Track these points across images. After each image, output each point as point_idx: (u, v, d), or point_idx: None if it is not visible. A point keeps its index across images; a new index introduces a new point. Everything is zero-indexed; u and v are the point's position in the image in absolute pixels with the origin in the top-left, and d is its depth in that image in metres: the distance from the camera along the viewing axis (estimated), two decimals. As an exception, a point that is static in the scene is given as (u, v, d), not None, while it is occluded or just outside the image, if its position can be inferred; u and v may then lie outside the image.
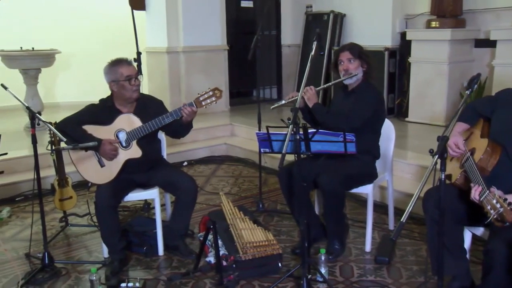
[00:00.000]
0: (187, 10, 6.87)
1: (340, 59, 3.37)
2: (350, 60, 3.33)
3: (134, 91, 3.32)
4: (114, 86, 3.32)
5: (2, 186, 4.51)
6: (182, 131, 3.47)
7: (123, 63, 3.32)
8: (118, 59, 3.35)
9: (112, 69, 3.31)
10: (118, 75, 3.28)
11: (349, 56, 3.34)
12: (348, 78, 3.34)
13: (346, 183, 3.23)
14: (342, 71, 3.36)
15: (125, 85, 3.28)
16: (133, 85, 3.29)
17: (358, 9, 6.96)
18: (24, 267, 3.31)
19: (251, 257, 3.10)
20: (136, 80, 3.31)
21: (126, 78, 3.27)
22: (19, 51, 6.22)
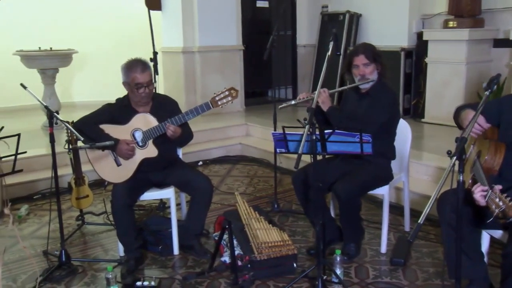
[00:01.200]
0: (202, 10, 6.89)
1: (355, 63, 3.28)
2: (366, 65, 3.26)
3: (143, 97, 3.31)
4: (126, 87, 3.35)
5: (20, 184, 4.56)
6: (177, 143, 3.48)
7: (137, 69, 3.26)
8: (134, 62, 3.31)
9: (127, 72, 3.30)
10: (130, 79, 3.28)
11: (365, 61, 3.26)
12: (365, 83, 3.29)
13: (362, 190, 3.23)
14: (357, 76, 3.29)
15: (134, 91, 3.29)
16: (141, 93, 3.28)
17: (374, 9, 6.92)
18: (42, 264, 3.36)
19: (266, 257, 3.10)
20: (145, 89, 3.28)
21: (136, 85, 3.26)
22: (37, 51, 6.31)
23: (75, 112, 5.90)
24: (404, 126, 3.54)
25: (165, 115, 3.30)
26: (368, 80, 3.27)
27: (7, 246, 3.55)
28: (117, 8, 8.29)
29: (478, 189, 2.16)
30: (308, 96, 3.26)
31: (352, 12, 7.11)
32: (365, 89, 3.35)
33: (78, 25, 8.16)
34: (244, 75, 7.45)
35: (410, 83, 6.47)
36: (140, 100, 3.33)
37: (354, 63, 3.29)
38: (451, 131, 5.43)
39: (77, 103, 8.32)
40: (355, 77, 3.32)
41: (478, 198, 2.16)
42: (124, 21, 8.18)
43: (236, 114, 7.05)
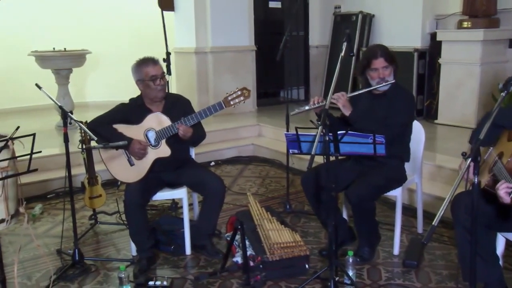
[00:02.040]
0: (215, 10, 6.91)
1: (373, 67, 3.23)
2: (385, 67, 3.22)
3: (159, 90, 3.35)
4: (140, 85, 3.37)
5: (34, 184, 4.59)
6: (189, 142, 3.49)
7: (149, 63, 3.35)
8: (144, 59, 3.39)
9: (138, 68, 3.36)
10: (143, 74, 3.32)
11: (384, 64, 3.21)
12: (385, 86, 3.25)
13: (375, 193, 3.20)
14: (376, 78, 3.24)
15: (150, 85, 3.32)
16: (157, 85, 3.32)
17: (387, 10, 6.88)
18: (55, 262, 3.39)
19: (278, 258, 3.10)
20: (161, 80, 3.34)
21: (151, 78, 3.31)
22: (52, 52, 6.37)
23: (88, 112, 5.94)
24: (417, 127, 3.51)
25: (178, 114, 3.31)
26: (388, 83, 3.24)
27: (22, 245, 3.58)
28: (130, 9, 8.35)
29: (503, 185, 2.13)
30: (322, 102, 3.20)
31: (365, 13, 7.09)
32: (381, 91, 3.32)
33: (92, 25, 8.23)
34: (256, 76, 7.46)
35: (423, 84, 6.42)
36: (157, 94, 3.35)
37: (372, 66, 3.23)
38: (465, 133, 5.39)
39: (90, 103, 8.38)
40: (372, 79, 3.26)
41: (502, 195, 2.13)
42: (137, 21, 8.23)
43: (248, 115, 7.05)
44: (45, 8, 8.06)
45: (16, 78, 7.52)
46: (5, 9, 7.73)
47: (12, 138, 2.69)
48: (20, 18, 7.88)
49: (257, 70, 7.47)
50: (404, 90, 3.37)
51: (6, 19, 7.77)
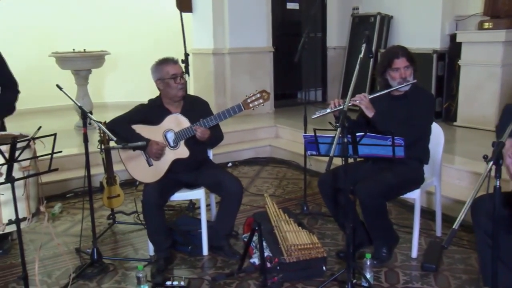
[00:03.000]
0: (233, 12, 6.93)
1: (395, 66, 3.21)
2: (406, 67, 3.21)
3: (179, 89, 3.38)
4: (160, 85, 3.39)
5: (54, 183, 4.65)
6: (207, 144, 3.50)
7: (169, 62, 3.39)
8: (164, 58, 3.44)
9: (159, 67, 3.39)
10: (164, 73, 3.35)
11: (406, 64, 3.20)
12: (406, 86, 3.24)
13: (386, 193, 3.14)
14: (397, 79, 3.22)
15: (171, 83, 3.34)
16: (178, 83, 3.35)
17: (406, 11, 6.83)
18: (74, 261, 3.42)
19: (296, 259, 3.09)
20: (181, 79, 3.37)
21: (171, 76, 3.34)
22: (71, 53, 6.44)
23: (106, 113, 6.00)
24: (436, 129, 3.48)
25: (196, 115, 3.33)
26: (410, 82, 3.22)
27: (43, 243, 3.64)
28: (148, 10, 8.41)
29: None
30: (342, 104, 3.19)
31: (383, 14, 7.05)
32: (401, 92, 3.30)
33: (111, 26, 8.30)
34: (274, 77, 7.46)
35: (442, 86, 6.36)
36: (176, 93, 3.37)
37: (394, 66, 3.21)
38: (484, 135, 5.36)
39: (109, 103, 8.45)
40: (393, 80, 3.24)
41: None
42: (155, 22, 8.30)
43: (265, 116, 7.05)
44: (65, 10, 8.16)
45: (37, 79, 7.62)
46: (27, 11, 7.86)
47: (34, 138, 2.72)
48: (41, 20, 7.99)
49: (275, 71, 7.47)
50: (424, 91, 3.35)
51: (28, 21, 7.89)
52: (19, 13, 7.82)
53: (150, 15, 8.37)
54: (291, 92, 8.45)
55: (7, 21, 7.66)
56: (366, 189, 3.07)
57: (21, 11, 7.84)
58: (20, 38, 7.73)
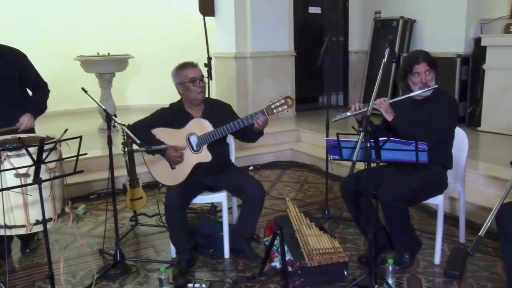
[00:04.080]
0: (255, 16, 6.95)
1: (416, 71, 3.20)
2: (427, 72, 3.19)
3: (199, 92, 3.40)
4: (180, 88, 3.43)
5: (77, 185, 4.72)
6: (253, 137, 3.53)
7: (188, 66, 3.43)
8: (184, 63, 3.48)
9: (178, 72, 3.43)
10: (183, 77, 3.39)
11: (427, 68, 3.18)
12: (427, 91, 3.21)
13: (409, 197, 3.11)
14: (418, 83, 3.21)
15: (190, 87, 3.38)
16: (197, 86, 3.38)
17: (429, 15, 6.77)
18: (98, 262, 3.47)
19: (317, 264, 3.08)
20: (200, 82, 3.39)
21: (190, 79, 3.37)
22: (96, 56, 6.54)
23: (129, 115, 6.07)
24: (460, 134, 3.44)
25: (217, 118, 3.36)
26: (431, 87, 3.20)
27: (67, 243, 3.70)
28: (171, 14, 8.48)
29: None
30: (362, 108, 3.19)
31: (406, 18, 6.99)
32: (423, 96, 3.28)
33: (134, 30, 8.39)
34: (295, 81, 7.45)
35: (465, 91, 6.28)
36: (196, 97, 3.40)
37: (415, 70, 3.20)
38: (510, 140, 5.28)
39: (132, 106, 8.54)
40: (414, 85, 3.23)
41: None
42: (178, 26, 8.36)
43: (287, 120, 7.05)
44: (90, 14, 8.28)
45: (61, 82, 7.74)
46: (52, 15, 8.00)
47: (61, 140, 2.77)
48: (65, 23, 8.12)
49: (296, 75, 7.46)
50: (447, 95, 3.32)
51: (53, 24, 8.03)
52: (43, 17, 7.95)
53: (173, 19, 8.44)
54: (312, 96, 8.43)
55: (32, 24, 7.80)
56: (388, 193, 3.05)
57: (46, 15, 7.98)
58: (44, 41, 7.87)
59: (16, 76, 3.54)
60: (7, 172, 2.68)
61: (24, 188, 2.72)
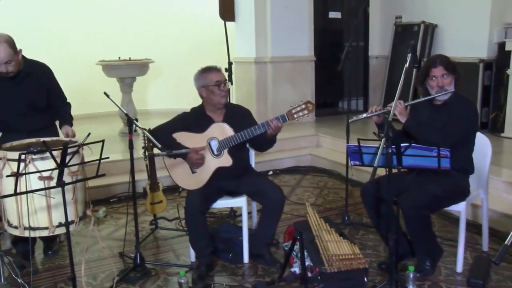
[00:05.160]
0: (275, 21, 6.96)
1: (432, 75, 3.19)
2: (445, 76, 3.17)
3: (222, 96, 3.42)
4: (204, 92, 3.44)
5: (98, 188, 4.76)
6: (266, 144, 3.53)
7: (213, 70, 3.46)
8: (208, 66, 3.50)
9: (202, 75, 3.45)
10: (208, 80, 3.40)
11: (444, 72, 3.16)
12: (443, 95, 3.19)
13: (431, 205, 3.08)
14: (435, 87, 3.19)
15: (214, 90, 3.39)
16: (221, 90, 3.40)
17: (451, 19, 6.70)
18: (118, 264, 3.50)
19: (337, 270, 3.06)
20: (224, 86, 3.41)
21: (215, 83, 3.39)
22: (117, 61, 6.62)
23: (149, 120, 6.12)
24: (483, 140, 3.40)
25: (238, 123, 3.37)
26: (447, 92, 3.17)
27: (88, 246, 3.74)
28: (192, 19, 8.53)
29: None
30: (380, 110, 3.19)
31: (428, 23, 6.93)
32: (441, 101, 3.25)
33: (155, 35, 8.47)
34: (315, 86, 7.44)
35: (488, 96, 6.20)
36: (219, 100, 3.42)
37: (431, 74, 3.19)
38: (535, 147, 5.19)
39: (152, 110, 8.61)
40: (432, 89, 3.22)
41: None
42: (197, 31, 8.42)
43: (306, 125, 7.03)
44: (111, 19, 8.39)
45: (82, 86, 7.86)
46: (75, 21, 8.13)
47: (84, 144, 2.81)
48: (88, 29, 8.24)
49: (316, 80, 7.45)
50: (465, 100, 3.26)
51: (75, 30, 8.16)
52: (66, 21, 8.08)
53: (194, 24, 8.50)
54: (332, 101, 8.40)
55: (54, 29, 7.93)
56: (410, 200, 3.02)
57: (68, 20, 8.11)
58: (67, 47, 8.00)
59: (43, 92, 3.52)
60: (31, 175, 2.73)
61: (47, 191, 2.76)
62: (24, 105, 3.42)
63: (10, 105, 3.38)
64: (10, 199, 2.81)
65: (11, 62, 3.25)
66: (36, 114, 3.49)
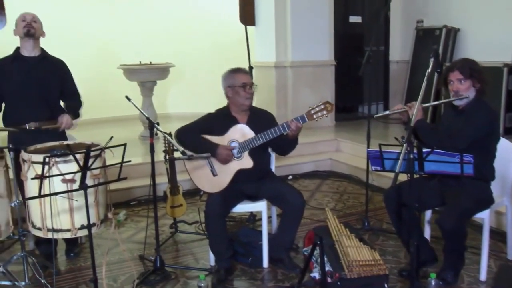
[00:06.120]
0: (296, 25, 6.96)
1: (449, 79, 3.17)
2: (461, 81, 3.12)
3: (247, 98, 3.44)
4: (230, 92, 3.46)
5: (119, 191, 4.80)
6: (288, 147, 3.52)
7: (241, 71, 3.50)
8: (237, 67, 3.54)
9: (230, 75, 3.48)
10: (235, 81, 3.43)
11: (459, 77, 3.12)
12: (458, 100, 3.16)
13: (465, 218, 3.07)
14: (451, 92, 3.17)
15: (240, 92, 3.41)
16: (247, 92, 3.42)
17: (474, 23, 6.62)
18: (138, 267, 3.51)
19: (357, 275, 3.04)
20: (250, 88, 3.43)
21: (241, 84, 3.41)
22: (138, 65, 6.68)
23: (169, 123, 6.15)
24: (507, 146, 3.35)
25: (261, 126, 3.37)
26: (461, 97, 3.13)
27: (109, 248, 3.77)
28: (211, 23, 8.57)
29: None
30: (403, 108, 3.19)
31: (450, 27, 6.87)
32: (461, 106, 3.22)
33: (175, 39, 8.52)
34: (335, 90, 7.42)
35: (513, 101, 6.11)
36: (244, 102, 3.44)
37: (449, 78, 3.18)
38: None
39: (172, 114, 8.66)
40: (450, 93, 3.21)
41: None
42: (218, 35, 8.45)
43: (326, 129, 7.01)
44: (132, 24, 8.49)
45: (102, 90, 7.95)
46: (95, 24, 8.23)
47: (106, 147, 2.84)
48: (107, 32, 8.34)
49: (336, 84, 7.42)
50: (485, 107, 3.19)
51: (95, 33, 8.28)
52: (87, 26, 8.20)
53: (214, 28, 8.53)
54: (352, 106, 8.37)
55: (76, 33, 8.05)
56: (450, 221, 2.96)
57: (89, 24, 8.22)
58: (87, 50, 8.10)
59: (56, 82, 3.63)
60: (54, 178, 2.76)
61: (70, 194, 2.79)
62: (36, 90, 3.52)
63: (22, 88, 3.50)
64: (34, 201, 2.86)
65: (36, 22, 3.55)
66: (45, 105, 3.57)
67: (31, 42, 3.53)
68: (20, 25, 3.52)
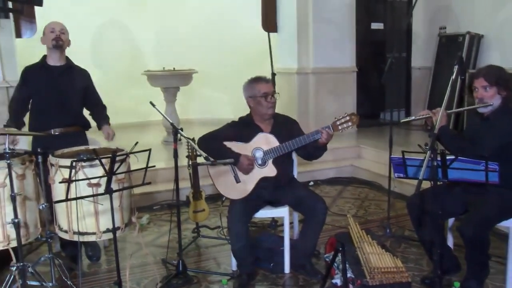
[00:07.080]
0: (318, 32, 6.98)
1: (474, 85, 3.15)
2: (486, 88, 3.10)
3: (269, 108, 3.45)
4: (251, 102, 3.48)
5: (142, 195, 4.84)
6: (317, 153, 3.52)
7: (261, 81, 3.48)
8: (257, 77, 3.52)
9: (251, 85, 3.48)
10: (256, 91, 3.43)
11: (484, 84, 3.10)
12: (482, 107, 3.14)
13: (487, 226, 3.03)
14: (476, 99, 3.15)
15: (261, 102, 3.42)
16: (268, 102, 3.42)
17: (498, 29, 6.54)
18: (161, 271, 3.56)
19: (379, 282, 3.04)
20: (272, 98, 3.44)
21: (262, 94, 3.41)
22: (162, 71, 6.76)
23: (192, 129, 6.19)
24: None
25: (285, 134, 3.39)
26: (486, 104, 3.11)
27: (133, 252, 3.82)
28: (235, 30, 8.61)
29: None
30: (428, 113, 3.18)
31: (473, 33, 6.80)
32: (486, 113, 3.19)
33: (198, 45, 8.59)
34: (357, 97, 7.40)
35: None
36: (266, 111, 3.45)
37: (474, 85, 3.16)
38: None
39: (194, 120, 8.72)
40: (475, 100, 3.19)
41: None
42: (241, 42, 8.47)
43: (348, 136, 6.98)
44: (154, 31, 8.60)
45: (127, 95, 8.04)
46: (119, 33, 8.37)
47: (132, 152, 2.89)
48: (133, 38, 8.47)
49: (358, 91, 7.41)
50: (509, 113, 3.15)
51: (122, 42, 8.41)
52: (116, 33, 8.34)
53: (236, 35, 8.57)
54: (373, 112, 8.33)
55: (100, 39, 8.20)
56: (472, 228, 2.93)
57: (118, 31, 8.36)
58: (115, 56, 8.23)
59: (79, 91, 3.78)
60: (80, 182, 2.82)
61: (95, 198, 2.85)
62: (60, 98, 3.66)
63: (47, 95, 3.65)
64: (61, 204, 2.92)
65: (64, 33, 3.69)
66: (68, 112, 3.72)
67: (58, 53, 3.69)
68: (48, 36, 3.63)
